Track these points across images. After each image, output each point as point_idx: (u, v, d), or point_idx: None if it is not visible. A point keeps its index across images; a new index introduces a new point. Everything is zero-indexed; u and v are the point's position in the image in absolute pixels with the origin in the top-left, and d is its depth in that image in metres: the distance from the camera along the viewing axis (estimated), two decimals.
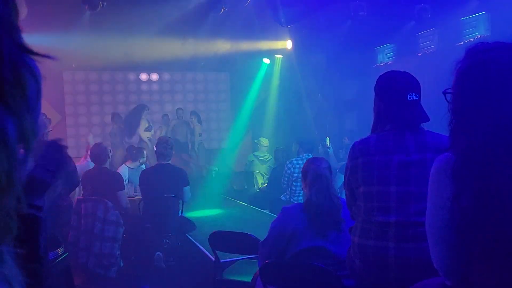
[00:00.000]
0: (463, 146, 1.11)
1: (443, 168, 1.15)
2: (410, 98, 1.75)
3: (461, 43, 7.28)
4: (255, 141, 8.35)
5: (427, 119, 1.80)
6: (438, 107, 1.23)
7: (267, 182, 6.87)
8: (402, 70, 1.89)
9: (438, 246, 1.18)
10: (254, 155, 7.52)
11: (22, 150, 0.42)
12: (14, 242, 0.40)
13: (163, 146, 4.58)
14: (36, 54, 0.45)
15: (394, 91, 1.78)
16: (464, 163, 1.08)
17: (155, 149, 4.76)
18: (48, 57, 0.46)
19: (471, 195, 1.05)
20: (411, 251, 1.66)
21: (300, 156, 5.81)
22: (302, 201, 5.50)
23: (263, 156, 7.42)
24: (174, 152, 4.80)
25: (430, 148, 1.72)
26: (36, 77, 0.44)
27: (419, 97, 1.79)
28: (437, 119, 2.15)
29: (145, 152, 5.99)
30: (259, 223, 5.36)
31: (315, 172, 2.32)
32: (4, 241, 0.38)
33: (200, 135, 9.92)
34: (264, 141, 7.65)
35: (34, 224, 1.06)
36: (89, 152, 5.13)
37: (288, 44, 9.16)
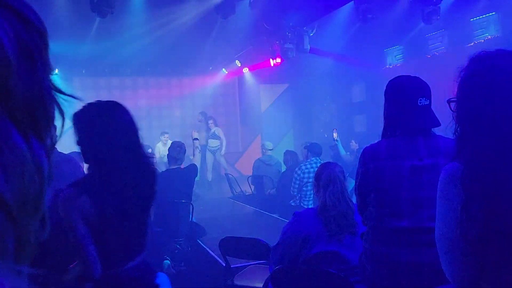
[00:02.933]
0: (470, 155, 1.10)
1: (450, 177, 1.14)
2: (420, 103, 1.74)
3: (471, 44, 7.22)
4: (260, 146, 8.32)
5: (438, 124, 1.78)
6: (448, 110, 1.21)
7: (275, 187, 6.84)
8: (412, 73, 1.88)
9: (448, 256, 1.17)
10: (260, 160, 7.45)
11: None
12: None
13: (177, 150, 4.57)
14: (64, 93, 0.47)
15: (404, 96, 1.76)
16: (472, 172, 1.07)
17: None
18: (73, 97, 0.49)
19: (480, 203, 1.04)
20: (424, 256, 1.64)
21: (309, 160, 5.80)
22: (312, 206, 5.48)
23: (269, 161, 7.35)
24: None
25: (443, 153, 1.70)
26: (62, 114, 0.47)
27: (430, 102, 1.77)
28: (448, 122, 2.13)
29: (150, 150, 5.98)
30: (268, 228, 5.35)
31: (329, 176, 2.33)
32: (23, 263, 0.40)
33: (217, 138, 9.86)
34: (269, 145, 7.56)
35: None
36: None
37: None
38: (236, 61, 10.28)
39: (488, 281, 1.06)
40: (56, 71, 8.96)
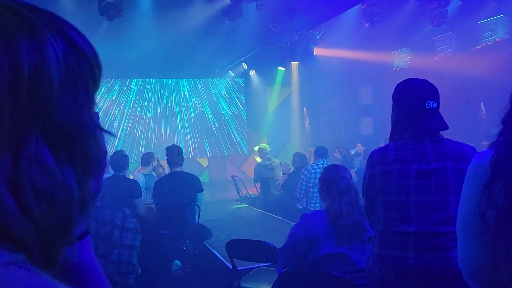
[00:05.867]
0: (502, 142, 1.09)
1: (481, 162, 1.13)
2: (428, 105, 1.73)
3: (479, 46, 7.18)
4: (254, 148, 8.14)
5: (446, 127, 1.77)
6: (456, 112, 1.21)
7: (281, 189, 6.82)
8: (419, 76, 1.88)
9: (466, 242, 1.16)
10: (260, 165, 7.30)
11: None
12: None
13: (176, 153, 4.61)
14: (102, 129, 0.48)
15: (412, 99, 1.76)
16: (499, 154, 1.07)
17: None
18: (110, 133, 0.50)
19: (502, 184, 1.03)
20: (432, 261, 1.63)
21: (315, 162, 5.80)
22: (319, 208, 5.46)
23: (270, 164, 7.25)
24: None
25: (450, 157, 1.70)
26: (100, 148, 0.48)
27: (438, 104, 1.76)
28: (456, 125, 2.12)
29: (155, 155, 6.01)
30: (274, 230, 5.34)
31: (344, 184, 2.28)
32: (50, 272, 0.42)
33: None
34: (266, 148, 7.40)
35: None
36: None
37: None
38: (243, 63, 10.31)
39: (501, 269, 1.05)
40: None
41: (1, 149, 0.38)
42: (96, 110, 0.50)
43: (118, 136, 10.31)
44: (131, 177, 5.37)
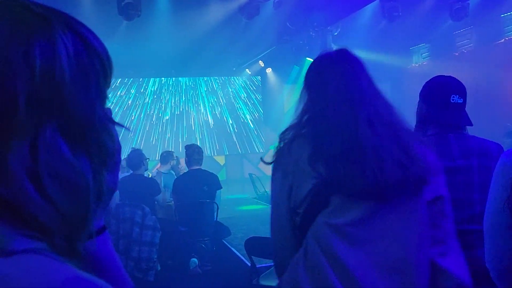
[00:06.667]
0: None
1: (510, 159, 1.11)
2: (453, 100, 1.70)
3: (502, 40, 7.02)
4: (270, 147, 8.19)
5: (470, 123, 1.74)
6: (477, 109, 1.18)
7: None
8: (439, 71, 1.86)
9: (495, 241, 1.14)
10: None
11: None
12: None
13: (197, 152, 4.65)
14: (115, 123, 0.51)
15: (437, 92, 1.73)
16: None
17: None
18: (122, 126, 0.52)
19: None
20: None
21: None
22: None
23: None
24: None
25: (476, 154, 1.66)
26: (114, 141, 0.49)
27: (464, 101, 1.73)
28: (477, 121, 2.08)
29: (174, 154, 6.06)
30: None
31: None
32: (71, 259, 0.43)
33: None
34: None
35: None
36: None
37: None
38: (260, 61, 10.30)
39: None
40: None
41: (18, 137, 0.40)
42: (109, 107, 0.52)
43: (136, 134, 10.43)
44: (149, 175, 5.43)
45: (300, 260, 1.18)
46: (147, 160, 4.84)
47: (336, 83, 1.23)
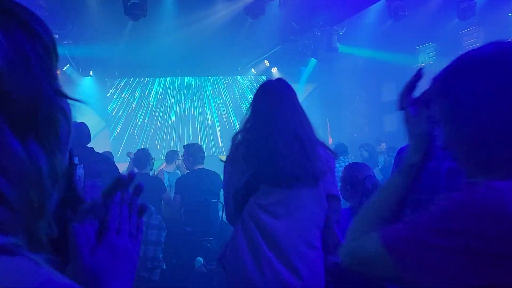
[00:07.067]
0: None
1: None
2: None
3: (509, 39, 6.95)
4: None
5: None
6: None
7: None
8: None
9: None
10: None
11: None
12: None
13: (202, 150, 4.67)
14: (69, 97, 0.50)
15: None
16: None
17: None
18: (78, 101, 0.52)
19: None
20: None
21: (337, 159, 5.75)
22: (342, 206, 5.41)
23: None
24: None
25: None
26: (68, 119, 0.49)
27: None
28: None
29: (179, 154, 6.08)
30: None
31: (371, 183, 2.24)
32: (40, 253, 0.43)
33: None
34: None
35: None
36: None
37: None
38: (265, 61, 10.28)
39: None
40: (91, 73, 9.24)
41: None
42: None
43: (140, 137, 10.46)
44: (155, 174, 5.45)
45: (239, 230, 1.77)
46: (153, 160, 4.87)
47: (264, 105, 1.77)
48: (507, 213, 0.68)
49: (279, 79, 1.92)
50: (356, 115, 10.96)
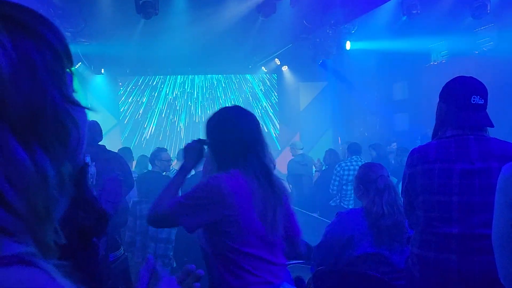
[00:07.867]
0: None
1: None
2: (474, 101, 1.67)
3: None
4: (289, 146, 8.07)
5: (491, 124, 1.70)
6: (498, 110, 1.16)
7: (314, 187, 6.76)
8: (458, 70, 1.85)
9: (504, 258, 1.12)
10: (294, 161, 7.22)
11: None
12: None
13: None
14: (79, 105, 0.49)
15: (458, 93, 1.71)
16: None
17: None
18: (88, 108, 0.51)
19: None
20: (476, 264, 1.57)
21: (349, 158, 5.72)
22: (352, 206, 5.38)
23: (303, 160, 7.16)
24: None
25: (496, 156, 1.63)
26: (78, 126, 0.48)
27: (485, 102, 1.70)
28: (499, 123, 2.04)
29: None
30: (307, 227, 5.31)
31: (383, 183, 2.23)
32: (50, 259, 0.43)
33: None
34: (299, 145, 7.30)
35: (91, 249, 1.21)
36: None
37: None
38: (276, 59, 10.27)
39: None
40: (102, 71, 9.32)
41: None
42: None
43: (149, 140, 10.53)
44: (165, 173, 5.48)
45: None
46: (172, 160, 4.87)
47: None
48: (220, 189, 1.56)
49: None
50: (367, 114, 10.88)
